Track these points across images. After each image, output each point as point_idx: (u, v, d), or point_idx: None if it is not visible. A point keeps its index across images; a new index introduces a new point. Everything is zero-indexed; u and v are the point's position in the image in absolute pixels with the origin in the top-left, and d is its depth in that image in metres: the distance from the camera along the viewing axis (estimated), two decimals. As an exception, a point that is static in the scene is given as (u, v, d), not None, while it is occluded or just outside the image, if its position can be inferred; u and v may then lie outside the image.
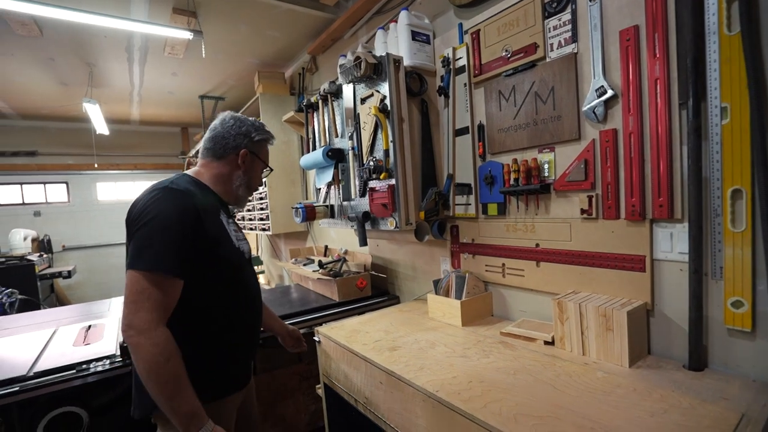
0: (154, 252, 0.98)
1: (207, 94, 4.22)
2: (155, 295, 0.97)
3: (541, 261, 1.54)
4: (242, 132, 1.24)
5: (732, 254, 1.04)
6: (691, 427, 0.85)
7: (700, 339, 1.11)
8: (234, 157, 1.23)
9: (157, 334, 0.96)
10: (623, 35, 1.22)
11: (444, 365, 1.27)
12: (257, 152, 1.29)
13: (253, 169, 1.29)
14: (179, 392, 0.96)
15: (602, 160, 1.30)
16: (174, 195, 1.06)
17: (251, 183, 1.30)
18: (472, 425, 0.96)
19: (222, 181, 1.24)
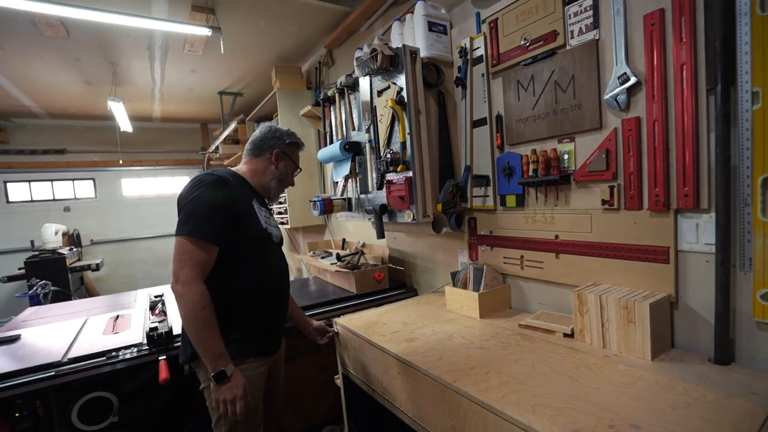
0: (197, 222, 1.21)
1: (225, 90, 4.28)
2: (196, 256, 1.20)
3: (560, 253, 1.52)
4: (276, 135, 1.50)
5: (762, 245, 1.01)
6: (716, 421, 0.83)
7: (727, 332, 1.08)
8: (269, 155, 1.48)
9: (197, 286, 1.18)
10: (647, 19, 1.18)
11: (461, 356, 1.27)
12: (288, 153, 1.52)
13: (285, 168, 1.52)
14: (211, 335, 1.18)
15: (624, 150, 1.27)
16: (214, 180, 1.30)
17: (283, 179, 1.53)
18: (490, 415, 0.96)
19: (257, 175, 1.48)
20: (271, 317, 1.45)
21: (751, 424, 0.81)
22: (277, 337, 1.48)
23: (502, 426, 0.93)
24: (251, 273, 1.35)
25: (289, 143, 1.52)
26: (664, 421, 0.84)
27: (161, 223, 6.04)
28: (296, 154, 1.58)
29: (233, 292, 1.32)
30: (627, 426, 0.83)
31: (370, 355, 1.53)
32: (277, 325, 1.49)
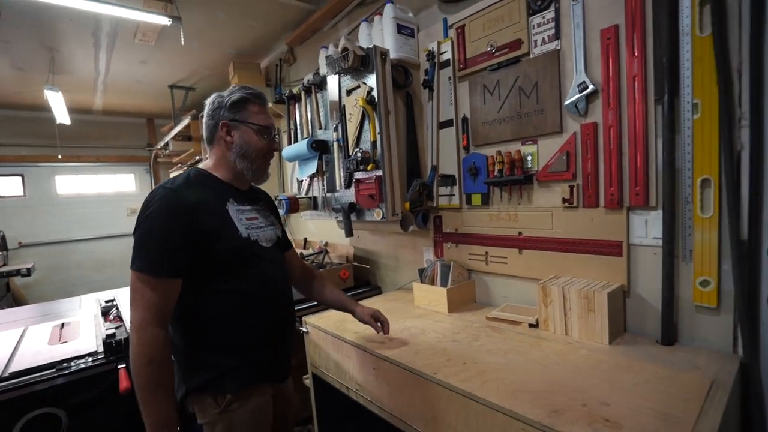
0: (146, 252, 1.00)
1: (177, 83, 4.06)
2: (148, 296, 0.98)
3: (523, 248, 1.61)
4: (216, 105, 1.17)
5: (701, 238, 1.14)
6: (672, 393, 0.93)
7: (671, 316, 1.21)
8: (219, 135, 1.16)
9: (146, 334, 0.97)
10: (604, 34, 1.29)
11: (437, 349, 1.31)
12: (238, 117, 1.15)
13: (243, 137, 1.15)
14: (154, 398, 0.96)
15: (583, 152, 1.38)
16: (167, 194, 1.04)
17: (247, 151, 1.16)
18: (472, 403, 1.00)
19: (222, 164, 1.18)
20: (272, 335, 1.21)
21: (699, 394, 0.92)
22: (283, 360, 1.26)
23: (485, 413, 0.98)
24: (235, 291, 1.11)
25: (234, 102, 1.15)
26: (628, 397, 0.93)
27: (102, 224, 5.59)
28: (250, 111, 1.18)
29: (216, 318, 1.09)
30: (598, 404, 0.91)
31: (343, 352, 1.53)
32: (282, 344, 1.25)
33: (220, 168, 1.19)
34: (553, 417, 0.88)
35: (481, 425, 1.00)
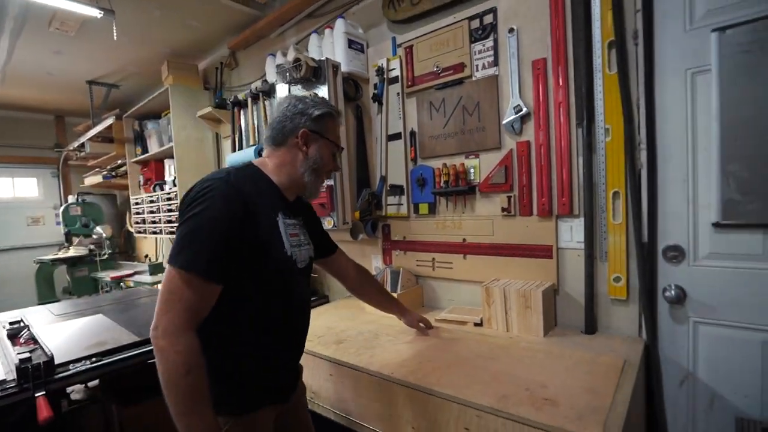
0: (195, 250, 0.88)
1: (98, 79, 3.70)
2: (188, 297, 0.87)
3: (467, 254, 1.76)
4: (299, 110, 1.10)
5: (613, 241, 1.36)
6: (595, 372, 1.11)
7: (592, 309, 1.41)
8: (294, 140, 1.08)
9: (183, 341, 0.86)
10: (535, 64, 1.48)
11: (392, 351, 1.38)
12: (320, 130, 1.11)
13: (320, 151, 1.11)
14: (196, 408, 0.87)
15: (519, 167, 1.55)
16: (227, 189, 0.94)
17: (320, 167, 1.11)
18: (431, 398, 1.08)
19: (285, 171, 1.09)
20: (288, 359, 1.14)
21: (615, 371, 1.11)
22: (292, 378, 1.18)
23: (441, 405, 1.06)
24: (266, 313, 1.02)
25: (319, 115, 1.10)
26: (562, 379, 1.08)
27: (-6, 235, 4.83)
28: (333, 128, 1.15)
29: (238, 339, 1.00)
30: (538, 387, 1.04)
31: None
32: (296, 363, 1.18)
33: (280, 174, 1.09)
34: (502, 402, 0.99)
35: (438, 416, 1.08)
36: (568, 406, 0.96)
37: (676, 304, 1.28)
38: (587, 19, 1.35)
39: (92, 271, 4.04)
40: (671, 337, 1.30)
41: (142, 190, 3.63)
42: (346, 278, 1.45)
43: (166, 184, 3.26)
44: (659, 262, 1.31)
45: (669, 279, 1.29)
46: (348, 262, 1.45)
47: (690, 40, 1.20)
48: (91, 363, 1.50)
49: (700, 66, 1.19)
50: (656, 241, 1.32)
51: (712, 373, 1.24)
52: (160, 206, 3.22)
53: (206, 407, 0.88)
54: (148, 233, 3.48)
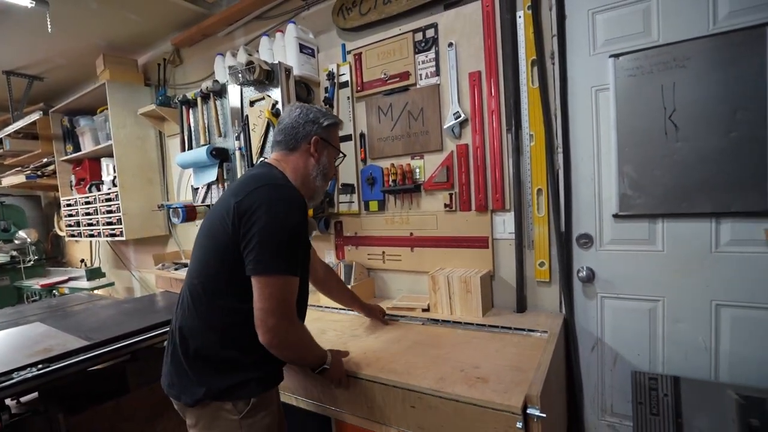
0: (290, 256, 1.01)
1: (17, 70, 3.40)
2: (291, 295, 1.02)
3: (415, 247, 1.92)
4: (311, 119, 1.18)
5: (538, 231, 1.58)
6: (522, 345, 1.31)
7: (522, 291, 1.63)
8: (306, 146, 1.17)
9: (299, 327, 1.09)
10: (471, 76, 1.67)
11: (339, 346, 1.43)
12: (328, 138, 1.21)
13: (327, 157, 1.22)
14: (313, 352, 1.14)
15: (459, 167, 1.74)
16: (296, 194, 1.07)
17: (327, 172, 1.22)
18: (375, 385, 1.19)
19: (300, 174, 1.17)
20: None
21: (539, 345, 1.32)
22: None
23: (387, 391, 1.17)
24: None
25: (328, 125, 1.20)
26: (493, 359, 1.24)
27: None
28: (337, 137, 1.28)
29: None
30: (471, 368, 1.19)
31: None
32: None
33: (296, 177, 1.17)
34: (440, 383, 1.12)
35: (387, 402, 1.18)
36: (497, 381, 1.10)
37: (588, 282, 1.53)
38: (514, 40, 1.56)
39: (15, 280, 3.70)
40: (584, 310, 1.55)
41: (74, 191, 3.40)
42: (314, 272, 1.51)
43: (104, 184, 3.09)
44: (574, 248, 1.55)
45: (582, 262, 1.54)
46: (316, 257, 1.53)
47: (594, 62, 1.44)
48: (38, 370, 1.46)
49: (601, 84, 1.44)
50: (572, 230, 1.56)
51: (615, 338, 1.50)
52: (98, 207, 3.06)
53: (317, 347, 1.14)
54: (83, 236, 3.27)
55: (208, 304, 1.06)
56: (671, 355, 1.39)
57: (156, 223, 3.09)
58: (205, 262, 1.08)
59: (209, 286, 1.06)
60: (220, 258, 1.05)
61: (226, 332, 1.06)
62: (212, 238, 1.08)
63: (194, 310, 1.08)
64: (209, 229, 1.10)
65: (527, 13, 1.52)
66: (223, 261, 1.04)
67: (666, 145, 1.33)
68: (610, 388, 1.52)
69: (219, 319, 1.06)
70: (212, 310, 1.06)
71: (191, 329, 1.08)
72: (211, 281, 1.06)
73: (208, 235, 1.10)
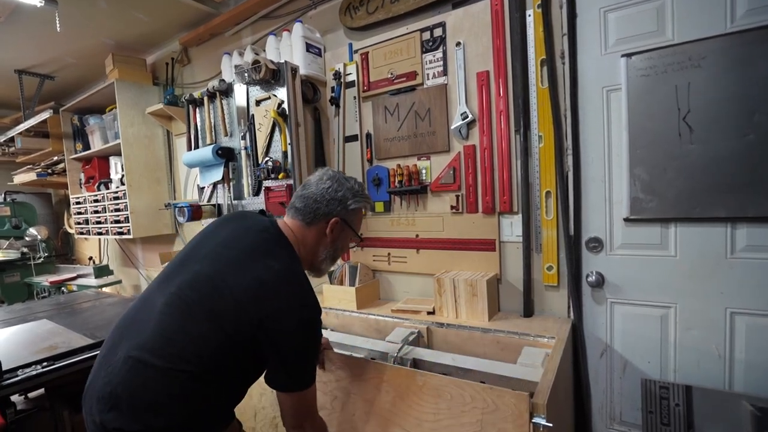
0: (312, 369, 0.99)
1: (28, 69, 3.44)
2: (314, 400, 1.04)
3: (420, 249, 1.89)
4: (338, 198, 1.08)
5: (546, 234, 1.55)
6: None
7: (530, 295, 1.60)
8: (323, 225, 1.08)
9: (322, 422, 1.08)
10: (479, 76, 1.64)
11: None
12: (350, 221, 1.12)
13: (342, 240, 1.13)
14: None
15: (465, 168, 1.71)
16: (317, 305, 0.99)
17: (337, 255, 1.15)
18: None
19: (307, 248, 1.09)
20: None
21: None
22: None
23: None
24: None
25: (354, 208, 1.11)
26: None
27: None
28: (360, 219, 1.18)
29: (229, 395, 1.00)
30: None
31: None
32: None
33: (301, 249, 1.08)
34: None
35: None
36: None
37: (597, 287, 1.49)
38: (523, 38, 1.53)
39: (26, 276, 3.75)
40: (593, 316, 1.52)
41: (84, 189, 3.44)
42: None
43: (112, 183, 3.12)
44: (583, 252, 1.52)
45: (591, 266, 1.50)
46: None
47: (605, 62, 1.41)
48: (43, 368, 1.46)
49: (613, 85, 1.40)
50: (581, 233, 1.52)
51: (625, 344, 1.47)
52: (106, 206, 3.08)
53: None
54: (91, 234, 3.30)
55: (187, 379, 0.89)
56: (683, 363, 1.36)
57: (163, 222, 3.11)
58: (205, 345, 0.90)
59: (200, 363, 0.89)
60: (227, 355, 0.91)
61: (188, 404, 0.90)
62: (220, 326, 0.90)
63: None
64: (216, 314, 0.90)
65: (537, 12, 1.49)
66: (228, 354, 0.91)
67: (680, 147, 1.29)
68: (619, 396, 1.48)
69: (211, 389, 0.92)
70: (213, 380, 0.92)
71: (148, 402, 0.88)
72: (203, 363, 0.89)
73: (213, 319, 0.90)
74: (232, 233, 1.04)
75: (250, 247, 1.00)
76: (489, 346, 1.47)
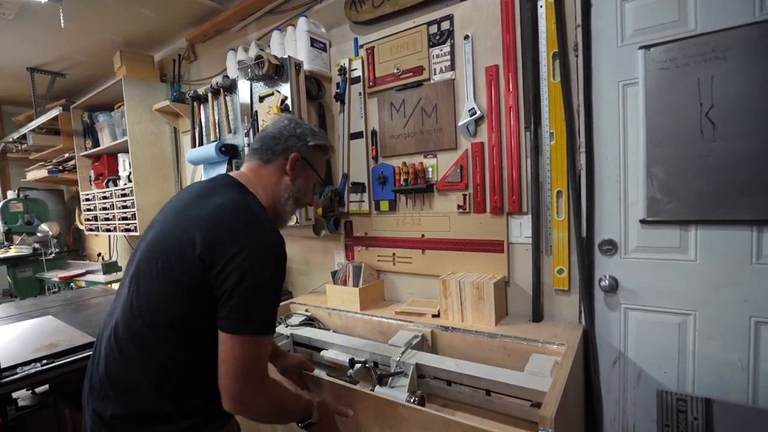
0: (266, 315, 0.87)
1: (40, 66, 3.47)
2: (264, 356, 0.89)
3: (426, 249, 1.84)
4: (296, 134, 1.05)
5: (557, 236, 1.48)
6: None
7: (539, 299, 1.53)
8: (282, 161, 1.03)
9: (270, 389, 0.91)
10: (488, 70, 1.57)
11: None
12: (311, 160, 1.07)
13: (304, 181, 1.07)
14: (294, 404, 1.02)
15: (473, 166, 1.65)
16: (281, 245, 0.90)
17: (300, 196, 1.07)
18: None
19: (271, 192, 1.03)
20: None
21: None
22: None
23: None
24: None
25: (314, 145, 1.07)
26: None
27: None
28: (322, 162, 1.14)
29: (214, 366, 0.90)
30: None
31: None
32: None
33: (266, 194, 1.02)
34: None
35: None
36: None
37: (610, 292, 1.42)
38: (534, 31, 1.46)
39: (37, 272, 3.80)
40: (606, 322, 1.44)
41: (93, 186, 3.46)
42: None
43: (120, 180, 3.13)
44: (596, 255, 1.45)
45: (604, 270, 1.43)
46: None
47: (621, 55, 1.33)
48: (42, 365, 1.45)
49: (629, 79, 1.32)
50: (593, 235, 1.45)
51: (639, 353, 1.39)
52: (114, 203, 3.09)
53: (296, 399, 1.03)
54: (100, 231, 3.32)
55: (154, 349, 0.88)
56: (703, 374, 1.28)
57: (170, 219, 3.11)
58: (164, 303, 0.87)
59: (167, 331, 0.88)
60: (187, 308, 0.87)
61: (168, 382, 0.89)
62: (172, 279, 0.87)
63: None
64: (165, 266, 0.87)
65: (549, 2, 1.42)
66: (193, 310, 0.87)
67: (701, 144, 1.21)
68: (633, 407, 1.41)
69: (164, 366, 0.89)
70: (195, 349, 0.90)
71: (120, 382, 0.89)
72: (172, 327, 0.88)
73: (164, 273, 0.87)
74: (181, 195, 1.03)
75: (194, 195, 0.97)
76: (495, 352, 1.40)
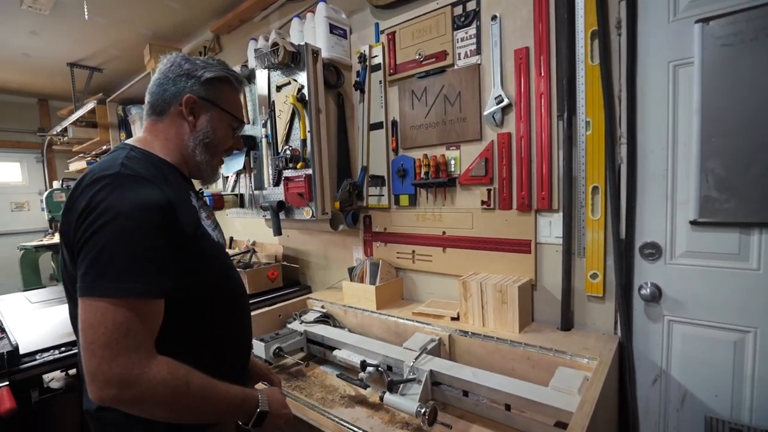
0: (122, 269, 0.69)
1: (79, 62, 3.60)
2: (135, 327, 0.69)
3: (447, 247, 1.73)
4: (184, 71, 0.89)
5: (591, 237, 1.33)
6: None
7: (569, 305, 1.39)
8: (177, 108, 0.89)
9: (156, 370, 0.69)
10: (517, 54, 1.43)
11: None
12: (212, 98, 0.91)
13: (211, 123, 0.92)
14: (218, 397, 0.78)
15: (499, 159, 1.52)
16: (132, 184, 0.75)
17: (213, 142, 0.93)
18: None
19: (175, 147, 0.90)
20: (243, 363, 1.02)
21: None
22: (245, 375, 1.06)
23: None
24: (217, 323, 0.89)
25: (210, 78, 0.91)
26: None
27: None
28: (230, 96, 0.96)
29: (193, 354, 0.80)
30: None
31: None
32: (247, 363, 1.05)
33: (171, 150, 0.90)
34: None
35: None
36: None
37: (652, 302, 1.26)
38: (570, 7, 1.30)
39: (76, 258, 3.97)
40: (645, 335, 1.29)
41: (125, 177, 3.56)
42: None
43: (149, 171, 3.19)
44: (636, 260, 1.29)
45: (645, 277, 1.27)
46: None
47: (673, 31, 1.16)
48: (60, 352, 1.47)
49: (682, 58, 1.15)
50: (634, 237, 1.29)
51: (685, 371, 1.23)
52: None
53: (220, 387, 0.79)
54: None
55: None
56: (763, 401, 1.10)
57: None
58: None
59: None
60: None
61: None
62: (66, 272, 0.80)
63: None
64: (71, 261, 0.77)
65: (589, -26, 1.26)
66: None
67: (770, 134, 1.03)
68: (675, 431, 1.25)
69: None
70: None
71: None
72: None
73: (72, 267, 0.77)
74: None
75: None
76: (518, 362, 1.28)
